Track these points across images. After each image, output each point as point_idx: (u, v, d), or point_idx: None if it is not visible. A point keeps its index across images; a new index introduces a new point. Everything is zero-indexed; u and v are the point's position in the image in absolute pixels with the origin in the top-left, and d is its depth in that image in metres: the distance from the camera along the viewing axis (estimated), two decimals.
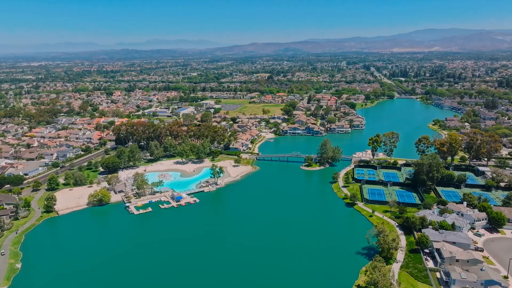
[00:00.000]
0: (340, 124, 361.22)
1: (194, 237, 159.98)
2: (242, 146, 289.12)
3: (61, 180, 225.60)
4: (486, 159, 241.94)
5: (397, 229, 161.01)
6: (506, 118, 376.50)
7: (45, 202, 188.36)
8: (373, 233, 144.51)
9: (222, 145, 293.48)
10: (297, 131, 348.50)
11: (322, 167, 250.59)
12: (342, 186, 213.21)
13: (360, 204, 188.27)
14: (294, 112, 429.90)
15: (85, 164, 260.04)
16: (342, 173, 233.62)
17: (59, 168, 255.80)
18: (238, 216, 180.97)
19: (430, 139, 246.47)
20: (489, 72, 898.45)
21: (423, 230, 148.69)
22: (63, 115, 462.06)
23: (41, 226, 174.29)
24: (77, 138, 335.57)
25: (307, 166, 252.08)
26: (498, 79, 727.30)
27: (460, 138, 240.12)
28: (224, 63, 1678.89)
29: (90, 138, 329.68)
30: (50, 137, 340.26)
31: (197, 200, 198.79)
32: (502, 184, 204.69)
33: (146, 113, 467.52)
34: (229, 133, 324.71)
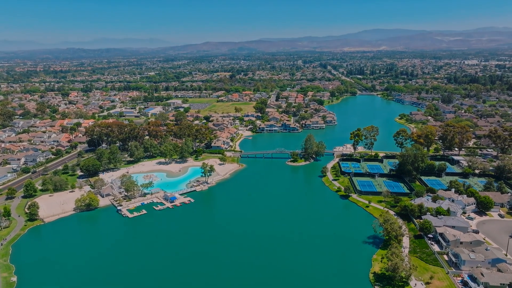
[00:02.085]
0: (315, 120, 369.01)
1: (197, 238, 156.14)
2: (224, 144, 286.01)
3: (37, 186, 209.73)
4: (457, 149, 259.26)
5: (395, 217, 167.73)
6: (463, 111, 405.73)
7: (28, 210, 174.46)
8: (379, 221, 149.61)
9: (203, 144, 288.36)
10: (273, 128, 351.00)
11: (307, 162, 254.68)
12: (333, 180, 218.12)
13: (354, 196, 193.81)
14: (266, 109, 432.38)
15: (60, 168, 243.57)
16: (328, 167, 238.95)
17: (31, 173, 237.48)
18: (237, 214, 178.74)
19: (408, 132, 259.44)
20: (436, 69, 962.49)
21: (423, 217, 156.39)
22: (18, 118, 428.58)
23: (27, 235, 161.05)
24: (42, 142, 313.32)
25: (293, 161, 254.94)
26: (446, 76, 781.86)
27: (435, 130, 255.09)
28: (180, 62, 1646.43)
29: (58, 141, 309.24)
30: (11, 141, 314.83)
31: (192, 200, 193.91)
32: (476, 171, 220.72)
33: (112, 114, 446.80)
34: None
